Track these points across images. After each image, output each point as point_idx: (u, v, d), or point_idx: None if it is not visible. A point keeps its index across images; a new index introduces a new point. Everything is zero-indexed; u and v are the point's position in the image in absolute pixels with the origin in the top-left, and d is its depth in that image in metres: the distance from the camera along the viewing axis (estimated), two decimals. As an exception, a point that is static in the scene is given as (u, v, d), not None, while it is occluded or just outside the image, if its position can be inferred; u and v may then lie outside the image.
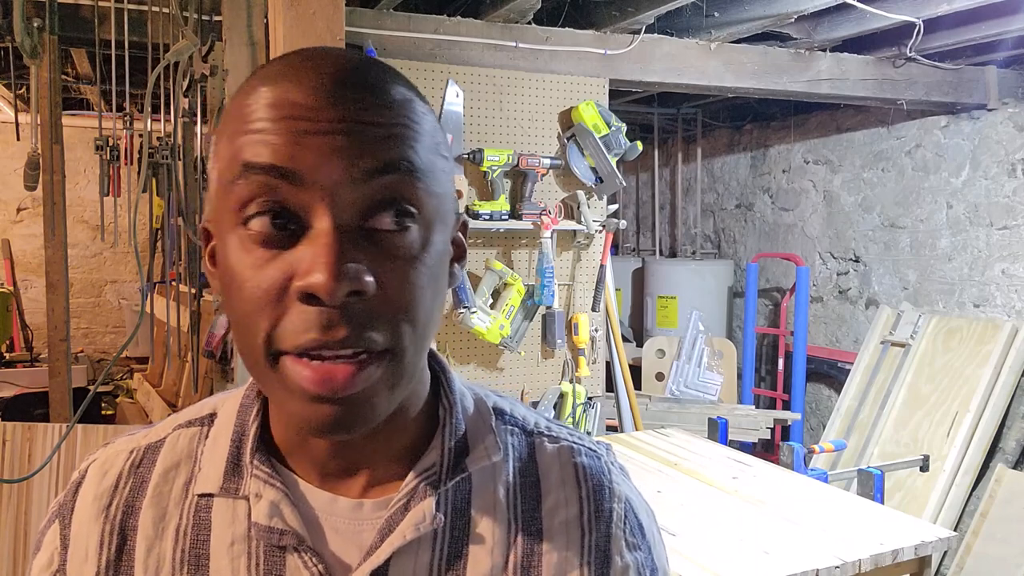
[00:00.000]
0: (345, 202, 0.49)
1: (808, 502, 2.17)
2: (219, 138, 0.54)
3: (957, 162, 3.89)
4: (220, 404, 0.64)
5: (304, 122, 0.49)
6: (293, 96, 0.50)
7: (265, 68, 0.54)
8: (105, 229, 3.71)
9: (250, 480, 0.58)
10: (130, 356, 5.65)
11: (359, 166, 0.49)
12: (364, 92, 0.51)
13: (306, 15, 1.81)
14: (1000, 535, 3.23)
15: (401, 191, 0.51)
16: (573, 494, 0.62)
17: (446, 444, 0.60)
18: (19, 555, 2.52)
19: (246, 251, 0.51)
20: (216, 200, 0.53)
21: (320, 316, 0.48)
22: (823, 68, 3.45)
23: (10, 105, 4.43)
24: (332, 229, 0.49)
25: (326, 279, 0.47)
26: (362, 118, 0.50)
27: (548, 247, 2.95)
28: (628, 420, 3.65)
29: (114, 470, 0.62)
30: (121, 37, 2.86)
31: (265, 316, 0.50)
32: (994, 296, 3.75)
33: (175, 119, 2.65)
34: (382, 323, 0.50)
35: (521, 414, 0.66)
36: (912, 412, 3.69)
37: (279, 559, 0.56)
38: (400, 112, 0.52)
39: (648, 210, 6.06)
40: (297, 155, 0.49)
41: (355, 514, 0.58)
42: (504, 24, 2.95)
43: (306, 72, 0.51)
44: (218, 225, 0.53)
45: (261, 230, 0.50)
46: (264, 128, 0.50)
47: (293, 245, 0.50)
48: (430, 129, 0.54)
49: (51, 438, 2.58)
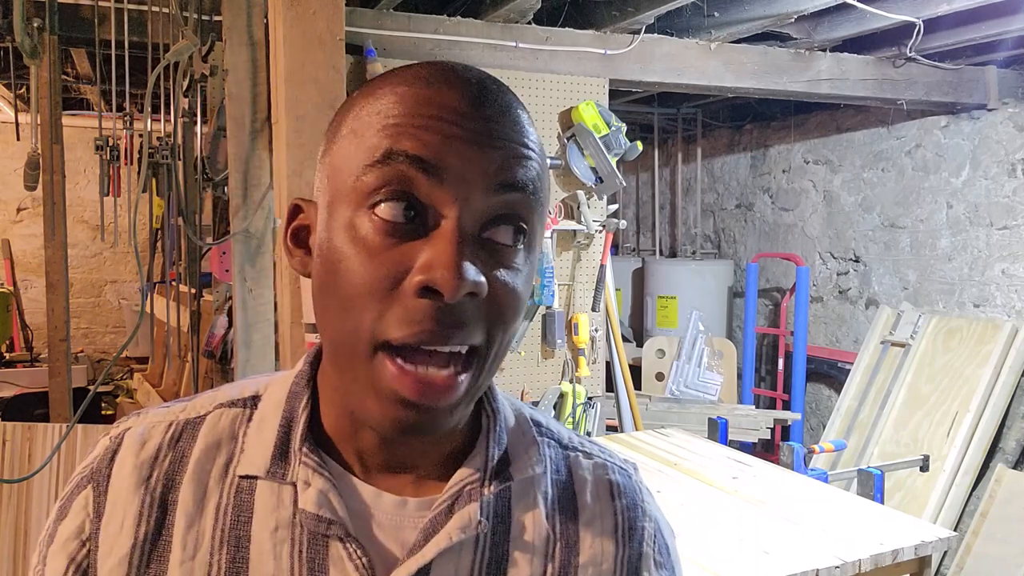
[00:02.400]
0: (473, 208, 0.52)
1: (808, 502, 2.17)
2: (343, 128, 0.55)
3: (957, 162, 3.89)
4: (263, 387, 0.64)
5: (453, 126, 0.52)
6: (444, 99, 0.53)
7: (399, 73, 0.55)
8: (105, 229, 3.71)
9: (298, 467, 0.58)
10: (130, 356, 5.65)
11: (494, 178, 0.52)
12: (506, 111, 0.55)
13: (306, 15, 1.81)
14: (1000, 535, 3.23)
15: (521, 210, 0.54)
16: (608, 509, 0.64)
17: (490, 451, 0.61)
18: (19, 555, 2.52)
19: (366, 236, 0.52)
20: (334, 181, 0.54)
21: (436, 311, 0.50)
22: (823, 68, 3.45)
23: (10, 105, 4.43)
24: (457, 231, 0.51)
25: (450, 277, 0.49)
26: (505, 135, 0.53)
27: (548, 247, 2.95)
28: (628, 420, 3.65)
29: (153, 441, 0.61)
30: (121, 37, 2.86)
31: (374, 303, 0.51)
32: (994, 296, 3.74)
33: (175, 119, 2.65)
34: (483, 326, 0.52)
35: (555, 428, 0.68)
36: (912, 412, 3.68)
37: (322, 548, 0.56)
38: (529, 137, 0.56)
39: (648, 210, 6.06)
40: (443, 153, 0.51)
41: (399, 511, 0.58)
42: (504, 24, 2.95)
43: (454, 79, 0.54)
44: (332, 206, 0.54)
45: (388, 217, 0.52)
46: (413, 123, 0.52)
47: (414, 239, 0.51)
48: (542, 156, 0.57)
49: (51, 438, 2.58)
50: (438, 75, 0.54)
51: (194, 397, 0.65)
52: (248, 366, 2.16)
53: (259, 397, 0.63)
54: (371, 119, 0.53)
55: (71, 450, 2.57)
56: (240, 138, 2.19)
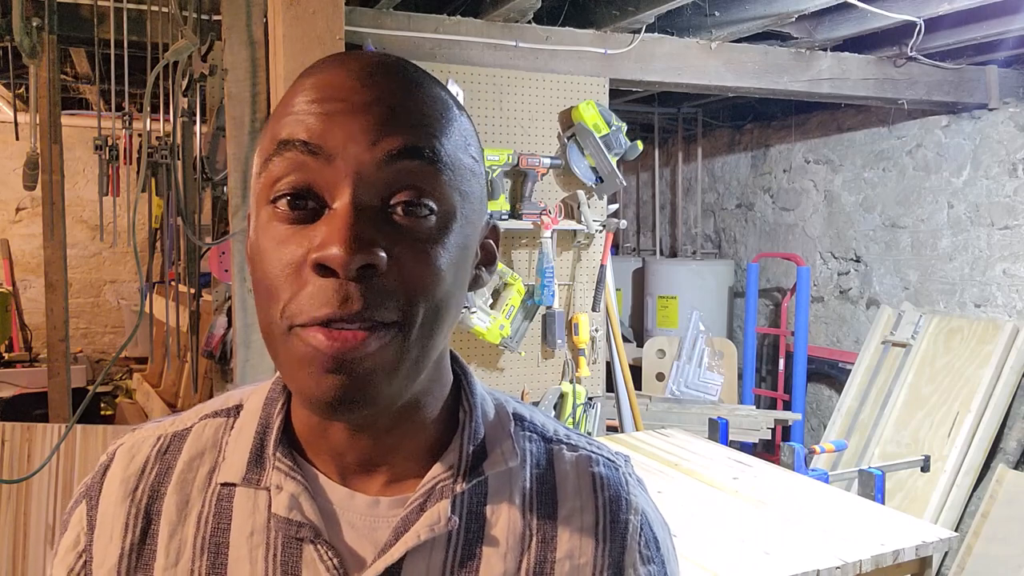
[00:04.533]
0: (367, 182, 0.51)
1: (809, 502, 2.17)
2: (264, 128, 0.56)
3: (958, 162, 3.88)
4: (247, 396, 0.65)
5: (338, 102, 0.52)
6: (330, 79, 0.53)
7: (315, 62, 0.56)
8: (104, 229, 3.70)
9: (272, 472, 0.59)
10: (129, 356, 5.65)
11: (383, 147, 0.51)
12: (399, 79, 0.54)
13: (306, 14, 1.80)
14: (1001, 535, 3.23)
15: (422, 179, 0.52)
16: (589, 503, 0.62)
17: (465, 447, 0.60)
18: (18, 555, 2.52)
19: (271, 228, 0.52)
20: (254, 182, 0.55)
21: (336, 290, 0.49)
22: (824, 68, 3.44)
23: (9, 105, 4.42)
24: (350, 206, 0.50)
25: (340, 252, 0.48)
26: (392, 102, 0.52)
27: (548, 247, 2.94)
28: (628, 420, 3.65)
29: (141, 455, 0.63)
30: (120, 36, 2.86)
31: (284, 289, 0.51)
32: (995, 296, 3.74)
33: (174, 119, 2.64)
34: (395, 299, 0.51)
35: (540, 421, 0.67)
36: (913, 412, 3.68)
37: (296, 551, 0.57)
38: (431, 105, 0.54)
39: (648, 210, 6.06)
40: (327, 132, 0.51)
41: (371, 511, 0.58)
42: (504, 23, 2.95)
43: (348, 60, 0.54)
44: (255, 207, 0.55)
45: (286, 208, 0.52)
46: (301, 109, 0.52)
47: (315, 221, 0.51)
48: (461, 129, 0.56)
49: (50, 438, 2.58)
50: (333, 59, 0.55)
51: (186, 411, 0.67)
52: (248, 366, 2.15)
53: (242, 406, 0.64)
54: (277, 111, 0.55)
55: (70, 450, 2.56)
56: (240, 138, 2.18)
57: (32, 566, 2.51)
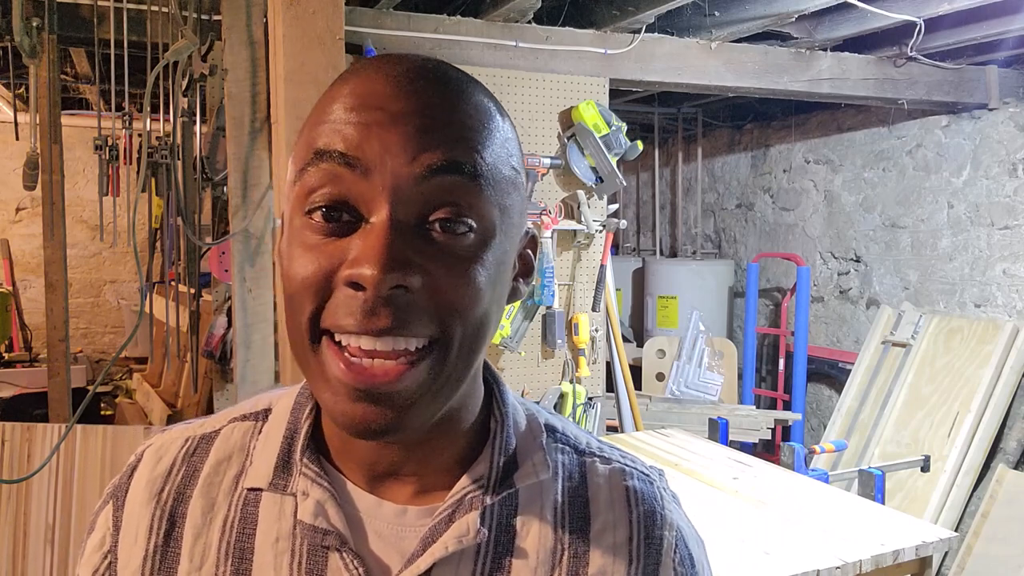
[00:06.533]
0: (404, 198, 0.49)
1: (809, 502, 2.17)
2: (300, 133, 0.55)
3: (958, 162, 3.88)
4: (276, 400, 0.64)
5: (375, 111, 0.50)
6: (370, 86, 0.51)
7: (353, 65, 0.55)
8: (104, 229, 3.70)
9: (299, 478, 0.58)
10: (129, 356, 5.65)
11: (422, 162, 0.49)
12: (440, 86, 0.51)
13: (306, 14, 1.80)
14: (1001, 535, 3.23)
15: (462, 195, 0.50)
16: (623, 518, 0.61)
17: (495, 458, 0.59)
18: (18, 555, 2.51)
19: (304, 236, 0.51)
20: (288, 189, 0.54)
21: (364, 302, 0.48)
22: (824, 68, 3.44)
23: (9, 105, 4.42)
24: (388, 222, 0.48)
25: (373, 271, 0.47)
26: (432, 112, 0.50)
27: (548, 247, 2.94)
28: (628, 420, 3.65)
29: (168, 456, 0.62)
30: (120, 36, 2.86)
31: (311, 298, 0.50)
32: (995, 296, 3.74)
33: (174, 119, 2.64)
34: (428, 316, 0.49)
35: (573, 433, 0.65)
36: (913, 412, 3.68)
37: (322, 558, 0.56)
38: (473, 115, 0.52)
39: (648, 210, 6.06)
40: (364, 144, 0.49)
41: (399, 520, 0.57)
42: (504, 23, 2.95)
43: (387, 64, 0.52)
44: (288, 213, 0.54)
45: (321, 219, 0.50)
46: (340, 118, 0.50)
47: (351, 234, 0.50)
48: (503, 139, 0.53)
49: (50, 438, 2.58)
50: (371, 64, 0.52)
51: (217, 413, 0.66)
52: (248, 366, 2.15)
53: (271, 410, 0.64)
54: (312, 117, 0.53)
55: (70, 450, 2.56)
56: (240, 138, 2.18)
57: (32, 566, 2.51)
